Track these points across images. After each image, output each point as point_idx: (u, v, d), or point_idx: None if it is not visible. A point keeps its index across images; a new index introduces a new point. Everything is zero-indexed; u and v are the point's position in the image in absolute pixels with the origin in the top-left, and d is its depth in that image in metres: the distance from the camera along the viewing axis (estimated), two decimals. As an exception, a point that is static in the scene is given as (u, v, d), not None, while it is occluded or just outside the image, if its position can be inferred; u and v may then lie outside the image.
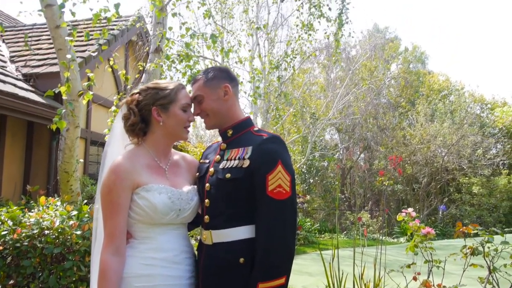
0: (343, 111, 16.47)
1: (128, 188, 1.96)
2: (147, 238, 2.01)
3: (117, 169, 1.97)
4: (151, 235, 2.01)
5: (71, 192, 5.48)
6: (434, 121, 17.50)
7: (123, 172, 1.96)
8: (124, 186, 1.95)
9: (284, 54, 8.04)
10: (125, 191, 1.96)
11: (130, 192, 1.98)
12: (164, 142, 2.14)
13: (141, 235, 2.02)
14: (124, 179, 1.95)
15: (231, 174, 2.01)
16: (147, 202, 1.96)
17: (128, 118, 2.10)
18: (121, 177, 1.95)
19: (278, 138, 2.09)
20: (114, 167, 1.99)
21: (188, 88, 2.25)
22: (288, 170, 1.97)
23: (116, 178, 1.96)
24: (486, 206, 16.13)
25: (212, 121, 2.17)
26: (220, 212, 2.05)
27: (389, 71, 20.73)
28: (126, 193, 1.96)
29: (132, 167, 2.00)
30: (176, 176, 2.15)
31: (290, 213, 1.96)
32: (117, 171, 1.97)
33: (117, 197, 1.94)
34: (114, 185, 1.95)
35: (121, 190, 1.95)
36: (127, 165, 1.99)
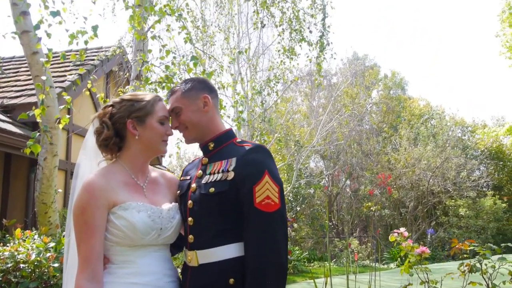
0: (327, 138, 16.51)
1: (104, 207, 1.79)
2: (126, 262, 1.83)
3: (91, 187, 1.80)
4: (130, 258, 1.83)
5: (50, 224, 5.25)
6: (417, 145, 17.64)
7: (97, 190, 1.79)
8: (99, 205, 1.78)
9: (267, 80, 8.04)
10: (100, 210, 1.78)
11: (106, 211, 1.80)
12: (141, 157, 1.97)
13: (120, 259, 1.83)
14: (98, 198, 1.78)
15: (215, 188, 1.87)
16: (125, 222, 1.78)
17: (101, 132, 1.93)
18: (95, 195, 1.78)
19: (263, 147, 1.97)
20: (87, 185, 1.81)
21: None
22: (275, 181, 1.83)
23: (90, 197, 1.78)
24: (474, 228, 16.11)
25: (191, 134, 2.03)
26: (205, 230, 1.89)
27: (370, 97, 21.00)
28: (101, 212, 1.78)
29: (107, 185, 1.82)
30: (155, 194, 1.98)
31: (281, 226, 1.81)
32: (90, 189, 1.79)
33: (92, 217, 1.76)
34: (88, 205, 1.77)
35: (95, 209, 1.77)
36: (101, 182, 1.82)
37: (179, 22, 4.66)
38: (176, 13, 4.44)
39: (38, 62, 4.68)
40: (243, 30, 13.36)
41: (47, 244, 4.00)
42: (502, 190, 19.14)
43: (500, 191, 18.74)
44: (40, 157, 5.07)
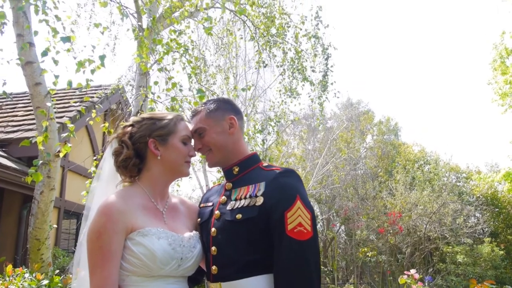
0: (323, 181, 16.41)
1: (121, 232, 1.65)
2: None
3: (109, 210, 1.67)
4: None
5: (42, 261, 5.02)
6: (413, 189, 17.57)
7: (115, 214, 1.66)
8: (117, 230, 1.64)
9: (268, 118, 8.05)
10: (118, 235, 1.64)
11: (124, 237, 1.66)
12: (162, 179, 1.86)
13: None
14: (116, 222, 1.65)
15: (242, 214, 1.75)
16: (144, 249, 1.64)
17: (120, 153, 1.84)
18: (113, 219, 1.65)
19: (293, 171, 1.85)
20: (104, 208, 1.68)
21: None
22: (307, 207, 1.72)
23: (107, 220, 1.65)
24: (472, 275, 15.78)
25: (216, 157, 1.92)
26: (230, 260, 1.75)
27: (364, 142, 21.14)
28: (118, 238, 1.64)
29: (126, 208, 1.70)
30: (175, 221, 1.86)
31: (314, 256, 1.68)
32: (108, 212, 1.66)
33: (109, 242, 1.62)
34: (105, 229, 1.64)
35: (113, 234, 1.63)
36: (120, 205, 1.69)
37: (184, 57, 4.67)
38: (182, 48, 4.45)
39: (41, 93, 4.63)
40: (240, 72, 13.64)
41: (41, 282, 3.80)
42: (498, 237, 18.93)
43: (496, 238, 18.53)
44: (36, 190, 4.92)
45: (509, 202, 19.08)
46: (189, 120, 2.05)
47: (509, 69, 15.01)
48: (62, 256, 7.32)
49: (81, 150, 8.51)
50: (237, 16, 6.73)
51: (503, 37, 15.56)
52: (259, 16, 6.45)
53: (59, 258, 7.13)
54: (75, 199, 8.49)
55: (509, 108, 16.17)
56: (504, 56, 15.44)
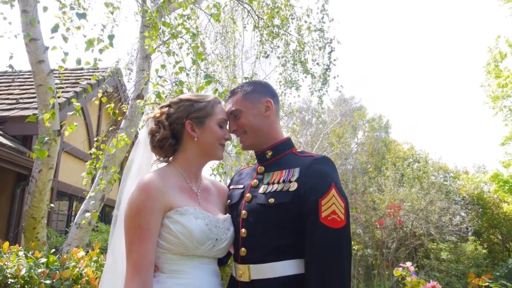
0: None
1: (160, 210, 1.66)
2: (176, 272, 1.69)
3: (148, 188, 1.67)
4: (181, 268, 1.69)
5: (37, 240, 5.01)
6: (402, 186, 17.78)
7: (154, 191, 1.66)
8: (155, 208, 1.65)
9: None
10: (156, 214, 1.65)
11: (161, 216, 1.67)
12: (197, 161, 1.87)
13: (170, 268, 1.69)
14: (155, 200, 1.65)
15: (275, 199, 1.75)
16: (182, 228, 1.66)
17: (157, 132, 1.84)
18: (152, 197, 1.65)
19: (329, 159, 1.85)
20: (143, 185, 1.68)
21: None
22: (342, 195, 1.72)
23: (147, 197, 1.65)
24: (455, 272, 16.10)
25: (250, 139, 1.92)
26: (260, 243, 1.75)
27: (356, 137, 21.28)
28: (157, 216, 1.65)
29: (164, 187, 1.70)
30: (208, 202, 1.87)
31: (346, 245, 1.68)
32: (147, 190, 1.66)
33: (147, 220, 1.63)
34: (144, 206, 1.64)
35: (151, 212, 1.64)
36: (158, 184, 1.70)
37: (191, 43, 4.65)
38: (190, 33, 4.44)
39: (43, 71, 4.60)
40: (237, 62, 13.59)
41: (38, 260, 3.80)
42: (482, 236, 19.30)
43: (480, 237, 18.89)
44: (35, 168, 4.90)
45: (494, 203, 19.43)
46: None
47: (502, 73, 15.20)
48: (55, 236, 7.30)
49: (76, 132, 8.43)
50: (242, 5, 6.70)
51: (498, 41, 15.73)
52: (263, 7, 6.43)
53: (52, 238, 7.11)
54: (68, 181, 8.44)
55: (499, 111, 16.40)
56: (498, 60, 15.61)
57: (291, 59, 7.17)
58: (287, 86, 7.62)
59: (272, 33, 6.63)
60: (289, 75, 7.47)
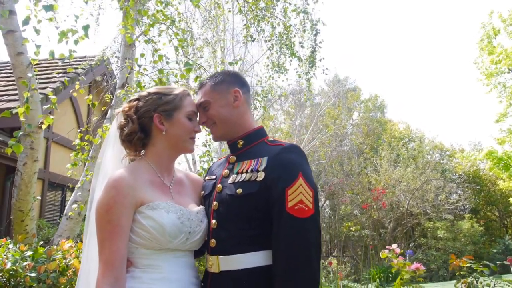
0: (309, 157, 16.53)
1: (131, 206, 1.66)
2: (150, 266, 1.69)
3: (118, 184, 1.67)
4: (155, 262, 1.69)
5: (26, 233, 5.01)
6: (397, 166, 17.82)
7: (125, 187, 1.66)
8: (126, 204, 1.65)
9: (254, 93, 8.00)
10: (127, 209, 1.65)
11: (133, 211, 1.67)
12: (167, 155, 1.86)
13: (144, 263, 1.69)
14: (126, 195, 1.65)
15: (243, 189, 1.73)
16: (153, 222, 1.65)
17: (125, 126, 1.82)
18: (123, 193, 1.65)
19: (298, 147, 1.82)
20: (114, 181, 1.68)
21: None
22: (310, 184, 1.68)
23: (117, 194, 1.65)
24: (452, 250, 16.23)
25: (220, 131, 1.90)
26: (229, 234, 1.74)
27: (351, 118, 21.24)
28: (128, 212, 1.65)
29: (135, 182, 1.70)
30: (181, 196, 1.86)
31: (314, 234, 1.65)
32: (118, 186, 1.66)
33: (118, 216, 1.63)
34: (114, 203, 1.64)
35: (122, 208, 1.64)
36: (129, 179, 1.69)
37: (171, 30, 4.59)
38: (168, 20, 4.36)
39: (23, 63, 4.52)
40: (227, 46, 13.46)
41: (24, 253, 3.80)
42: (479, 213, 19.43)
43: (476, 214, 19.01)
44: (19, 162, 4.86)
45: (490, 180, 19.51)
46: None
47: (495, 49, 15.09)
48: (46, 228, 7.32)
49: (65, 122, 8.40)
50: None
51: (491, 17, 15.59)
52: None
53: (44, 230, 7.13)
54: (59, 171, 8.43)
55: (494, 88, 16.34)
56: (492, 36, 15.50)
57: (278, 43, 7.09)
58: (275, 70, 7.55)
59: (257, 16, 6.55)
60: (277, 58, 7.40)
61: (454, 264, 3.35)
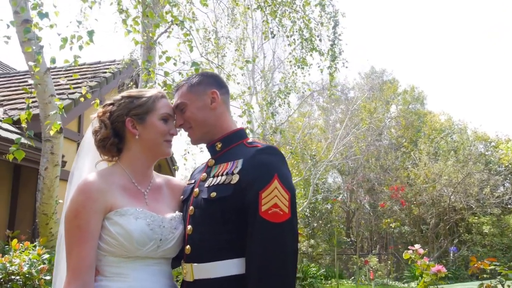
0: (344, 153, 16.19)
1: (100, 211, 1.61)
2: (118, 275, 1.63)
3: (88, 188, 1.63)
4: (123, 271, 1.63)
5: (51, 235, 5.14)
6: (437, 159, 17.15)
7: (94, 192, 1.62)
8: (95, 209, 1.60)
9: (278, 90, 7.87)
10: (96, 214, 1.60)
11: (102, 216, 1.62)
12: (142, 160, 1.80)
13: (112, 271, 1.64)
14: (95, 200, 1.61)
15: (217, 192, 1.66)
16: (121, 229, 1.60)
17: (99, 132, 1.79)
18: (92, 197, 1.61)
19: (275, 148, 1.73)
20: (83, 185, 1.64)
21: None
22: (286, 187, 1.59)
23: (86, 199, 1.61)
24: (499, 246, 15.47)
25: (197, 134, 1.83)
26: (203, 240, 1.66)
27: (388, 112, 20.66)
28: (97, 217, 1.61)
29: (106, 187, 1.65)
30: (158, 202, 1.80)
31: (290, 240, 1.56)
32: (87, 190, 1.63)
33: (86, 222, 1.59)
34: (83, 208, 1.60)
35: (91, 213, 1.59)
36: (99, 184, 1.65)
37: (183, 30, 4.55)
38: (178, 20, 4.33)
39: (40, 71, 4.63)
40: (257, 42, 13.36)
41: (41, 256, 3.89)
42: (528, 207, 18.42)
43: (526, 208, 18.03)
44: (41, 166, 5.00)
45: (540, 171, 18.41)
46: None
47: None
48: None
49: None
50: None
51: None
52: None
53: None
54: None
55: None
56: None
57: (299, 37, 6.92)
58: (298, 65, 7.38)
59: (275, 12, 6.40)
60: (299, 54, 7.22)
61: (474, 267, 3.11)
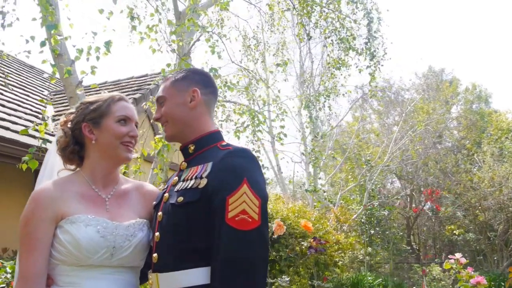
0: (400, 156, 15.51)
1: (50, 220, 1.61)
2: (71, 284, 1.61)
3: (38, 197, 1.65)
4: (76, 280, 1.60)
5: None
6: (504, 161, 15.97)
7: (44, 200, 1.62)
8: (44, 218, 1.60)
9: (317, 94, 7.66)
10: (45, 223, 1.60)
11: (53, 225, 1.62)
12: (101, 165, 1.78)
13: (65, 280, 1.62)
14: (45, 209, 1.61)
15: (184, 197, 1.58)
16: (70, 237, 1.58)
17: (59, 141, 1.81)
18: (41, 206, 1.61)
19: (246, 151, 1.65)
20: (35, 194, 1.66)
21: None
22: (256, 192, 1.50)
23: (36, 207, 1.62)
24: None
25: (171, 130, 1.76)
26: (170, 248, 1.58)
27: (449, 112, 19.60)
28: (46, 225, 1.60)
29: (59, 195, 1.65)
30: (121, 208, 1.76)
31: (259, 249, 1.46)
32: (37, 198, 1.64)
33: (35, 230, 1.59)
34: (33, 215, 1.61)
35: (40, 221, 1.60)
36: (51, 192, 1.65)
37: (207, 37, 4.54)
38: (200, 27, 4.32)
39: (72, 84, 4.78)
40: (306, 47, 13.18)
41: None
42: None
43: None
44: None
45: None
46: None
47: None
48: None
49: (143, 135, 8.83)
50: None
51: None
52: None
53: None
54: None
55: None
56: None
57: (336, 38, 6.68)
58: (337, 67, 7.13)
59: (309, 12, 6.22)
60: (336, 54, 6.98)
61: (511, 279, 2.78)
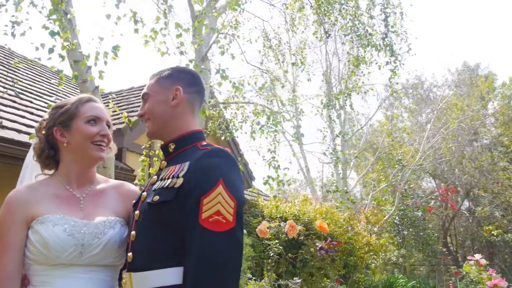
0: (433, 155, 15.07)
1: (21, 222, 1.67)
2: (44, 283, 1.65)
3: (9, 200, 1.71)
4: (48, 279, 1.65)
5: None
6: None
7: (15, 203, 1.69)
8: (15, 220, 1.67)
9: (338, 92, 7.55)
10: (16, 225, 1.66)
11: (24, 227, 1.68)
12: (74, 166, 1.82)
13: (38, 280, 1.66)
14: (15, 212, 1.67)
15: (160, 196, 1.58)
16: (39, 237, 1.63)
17: (35, 146, 1.89)
18: (12, 209, 1.68)
19: (223, 151, 1.62)
20: (7, 198, 1.72)
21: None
22: (232, 193, 1.48)
23: (7, 210, 1.69)
24: None
25: (152, 127, 1.77)
26: (144, 247, 1.59)
27: (485, 108, 18.89)
28: (17, 228, 1.66)
29: (30, 198, 1.71)
30: (96, 207, 1.79)
31: (232, 251, 1.44)
32: (8, 202, 1.71)
33: (6, 232, 1.66)
34: (4, 218, 1.68)
35: (11, 224, 1.66)
36: (22, 195, 1.72)
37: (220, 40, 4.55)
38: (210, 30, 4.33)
39: (88, 90, 4.89)
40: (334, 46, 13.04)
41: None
42: None
43: None
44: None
45: None
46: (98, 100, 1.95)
47: None
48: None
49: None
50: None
51: None
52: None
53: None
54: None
55: None
56: None
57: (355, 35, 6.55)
58: (356, 64, 6.99)
59: (326, 11, 6.13)
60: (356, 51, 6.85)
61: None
